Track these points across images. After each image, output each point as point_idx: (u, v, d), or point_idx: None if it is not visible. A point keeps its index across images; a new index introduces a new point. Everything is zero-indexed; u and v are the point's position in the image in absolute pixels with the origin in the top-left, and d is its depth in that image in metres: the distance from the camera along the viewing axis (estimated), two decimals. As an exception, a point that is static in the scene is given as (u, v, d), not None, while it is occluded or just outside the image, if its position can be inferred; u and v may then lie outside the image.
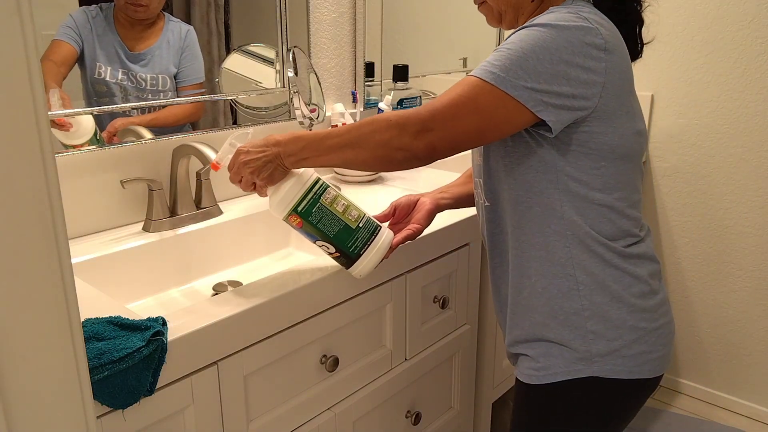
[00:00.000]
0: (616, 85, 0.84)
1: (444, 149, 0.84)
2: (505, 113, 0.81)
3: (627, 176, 0.90)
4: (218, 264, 1.24)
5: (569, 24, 0.81)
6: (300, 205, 0.92)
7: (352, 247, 0.93)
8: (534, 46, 0.80)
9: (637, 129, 0.89)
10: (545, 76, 0.80)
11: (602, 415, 0.94)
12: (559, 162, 0.87)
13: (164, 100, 1.24)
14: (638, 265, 0.91)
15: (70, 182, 1.11)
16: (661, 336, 0.93)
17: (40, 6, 1.05)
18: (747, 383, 2.02)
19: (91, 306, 0.86)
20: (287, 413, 0.98)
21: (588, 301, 0.90)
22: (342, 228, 0.92)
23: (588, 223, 0.89)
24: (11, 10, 0.44)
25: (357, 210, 0.95)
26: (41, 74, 0.46)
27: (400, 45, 1.78)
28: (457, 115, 0.82)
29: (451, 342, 1.32)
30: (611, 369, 0.90)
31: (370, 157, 0.87)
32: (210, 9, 1.29)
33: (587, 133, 0.85)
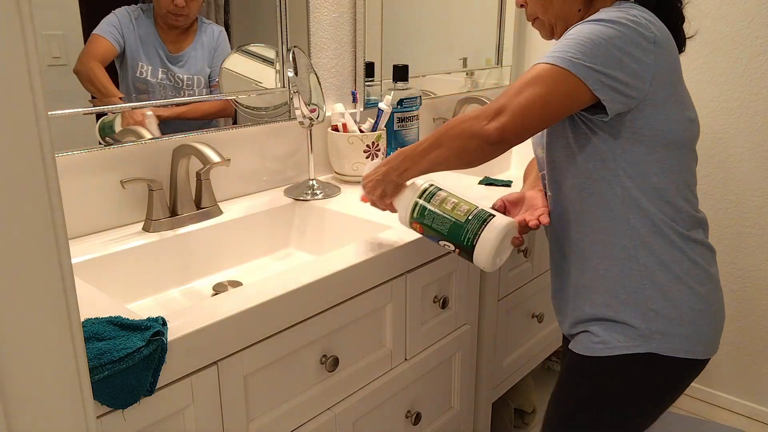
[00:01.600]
0: (665, 76, 0.90)
1: (514, 130, 0.87)
2: (566, 89, 0.86)
3: (681, 161, 0.95)
4: (218, 264, 1.24)
5: (620, 20, 0.88)
6: (415, 212, 1.01)
7: (464, 239, 0.97)
8: (591, 35, 0.87)
9: (688, 117, 0.95)
10: (602, 59, 0.86)
11: (655, 391, 0.98)
12: (616, 150, 0.93)
13: (164, 101, 1.24)
14: (697, 250, 0.97)
15: (70, 182, 1.11)
16: (714, 320, 0.98)
17: (40, 6, 1.05)
18: (747, 383, 2.02)
19: (91, 306, 0.86)
20: (287, 413, 0.98)
21: (650, 281, 0.95)
22: (452, 224, 0.97)
23: (648, 206, 0.94)
24: (11, 10, 0.44)
25: (468, 205, 0.99)
26: (41, 74, 0.46)
27: (400, 45, 1.78)
28: (522, 91, 0.87)
29: (451, 342, 1.32)
30: (669, 347, 0.95)
31: (449, 153, 0.93)
32: (210, 9, 1.29)
33: (641, 120, 0.91)
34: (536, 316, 1.63)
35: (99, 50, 1.13)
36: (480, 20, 2.04)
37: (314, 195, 1.38)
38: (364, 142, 1.46)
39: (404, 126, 1.63)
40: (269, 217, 1.33)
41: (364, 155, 1.47)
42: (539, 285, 1.61)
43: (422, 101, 1.74)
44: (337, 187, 1.46)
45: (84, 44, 1.11)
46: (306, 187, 1.41)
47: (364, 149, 1.47)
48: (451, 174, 1.59)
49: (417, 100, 1.65)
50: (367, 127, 1.52)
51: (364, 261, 1.04)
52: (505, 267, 1.44)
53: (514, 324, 1.55)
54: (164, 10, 1.21)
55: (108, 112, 1.16)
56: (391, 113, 1.60)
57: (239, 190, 1.40)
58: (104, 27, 1.13)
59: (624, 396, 0.99)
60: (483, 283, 1.39)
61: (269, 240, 1.33)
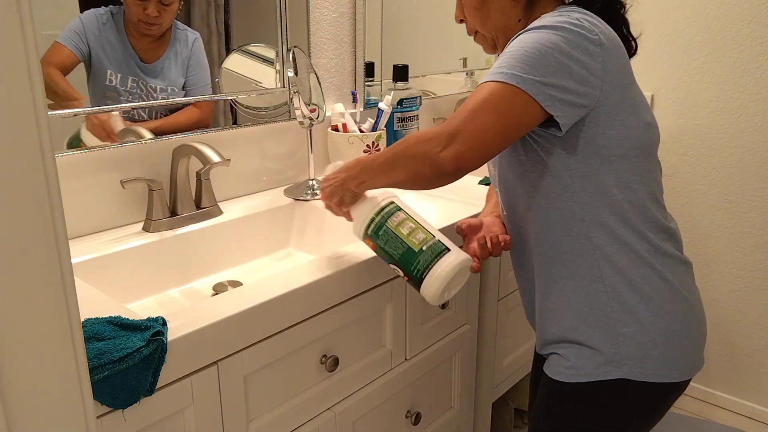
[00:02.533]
0: (615, 78, 0.85)
1: (471, 158, 0.82)
2: (520, 109, 0.82)
3: (642, 170, 0.89)
4: (218, 264, 1.24)
5: (563, 24, 0.83)
6: (369, 227, 0.94)
7: (414, 270, 0.91)
8: (534, 44, 0.82)
9: (645, 121, 0.89)
10: (549, 69, 0.81)
11: (629, 416, 0.93)
12: (570, 163, 0.88)
13: (164, 101, 1.24)
14: (668, 265, 0.91)
15: (70, 182, 1.11)
16: (692, 340, 0.92)
17: (40, 6, 1.05)
18: (747, 383, 2.02)
19: (91, 306, 0.86)
20: (287, 413, 0.98)
21: (617, 302, 0.89)
22: (405, 250, 0.91)
23: (610, 221, 0.88)
24: (11, 10, 0.44)
25: (425, 233, 0.92)
26: (41, 74, 0.46)
27: (400, 45, 1.78)
28: (475, 116, 0.82)
29: (451, 342, 1.32)
30: (641, 372, 0.89)
31: (405, 176, 0.87)
32: (210, 9, 1.29)
33: (593, 129, 0.86)
34: (536, 316, 1.63)
35: (57, 58, 1.08)
36: (480, 20, 2.04)
37: (314, 195, 1.38)
38: (364, 142, 1.46)
39: (404, 126, 1.63)
40: (269, 217, 1.32)
41: (364, 155, 1.47)
42: (539, 285, 1.61)
43: (422, 101, 1.74)
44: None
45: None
46: (306, 187, 1.41)
47: (364, 149, 1.47)
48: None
49: (417, 100, 1.65)
50: (367, 127, 1.52)
51: (364, 261, 1.04)
52: (505, 267, 1.44)
53: (514, 324, 1.55)
54: (135, 18, 1.15)
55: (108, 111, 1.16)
56: (391, 113, 1.60)
57: (239, 190, 1.40)
58: (66, 33, 1.08)
59: (598, 423, 0.94)
60: (483, 283, 1.39)
61: (269, 240, 1.33)
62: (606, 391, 0.92)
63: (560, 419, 0.96)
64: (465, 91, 2.02)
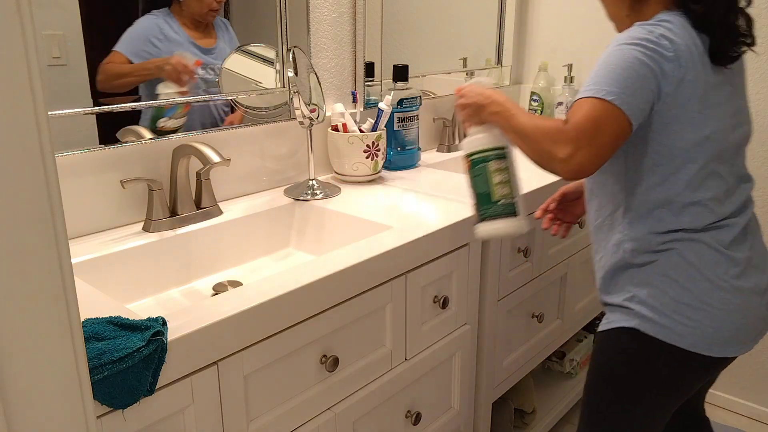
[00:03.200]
0: (680, 95, 0.97)
1: (590, 169, 0.97)
2: (621, 127, 0.95)
3: (692, 175, 1.01)
4: (218, 264, 1.24)
5: (642, 41, 0.96)
6: (475, 154, 1.10)
7: (482, 211, 1.10)
8: (620, 61, 0.96)
9: (703, 135, 0.99)
10: (632, 86, 0.95)
11: (639, 363, 1.08)
12: (630, 158, 1.04)
13: (169, 100, 1.24)
14: (692, 249, 1.03)
15: (70, 182, 1.11)
16: (710, 317, 1.03)
17: (40, 6, 1.05)
18: (747, 383, 2.02)
19: (91, 306, 0.86)
20: (287, 413, 0.98)
21: (642, 275, 1.06)
22: (485, 192, 1.09)
23: (656, 213, 1.03)
24: (11, 10, 0.44)
25: (509, 190, 1.09)
26: (41, 74, 0.46)
27: (400, 45, 1.78)
28: (597, 134, 0.95)
29: (451, 342, 1.32)
30: (648, 327, 1.05)
31: (528, 152, 1.03)
32: (210, 9, 1.29)
33: (652, 135, 1.00)
34: (536, 316, 1.63)
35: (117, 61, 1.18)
36: (480, 20, 2.04)
37: (314, 195, 1.38)
38: (364, 142, 1.46)
39: (404, 126, 1.63)
40: (269, 217, 1.33)
41: (364, 155, 1.47)
42: (539, 285, 1.61)
43: (422, 101, 1.74)
44: (337, 187, 1.46)
45: (84, 44, 1.11)
46: (306, 187, 1.41)
47: (364, 149, 1.47)
48: (455, 174, 1.59)
49: (417, 100, 1.65)
50: (367, 127, 1.52)
51: (364, 261, 1.04)
52: (505, 267, 1.44)
53: (514, 324, 1.55)
54: (205, 9, 1.27)
55: (109, 111, 1.16)
56: (391, 113, 1.60)
57: (239, 190, 1.40)
58: (126, 42, 1.16)
59: (619, 365, 1.09)
60: (483, 283, 1.39)
61: (269, 240, 1.33)
62: (625, 337, 1.07)
63: (594, 362, 1.14)
64: (465, 91, 2.02)
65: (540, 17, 2.17)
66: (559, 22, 2.12)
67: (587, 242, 1.80)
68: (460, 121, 1.17)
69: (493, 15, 2.08)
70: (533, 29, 2.19)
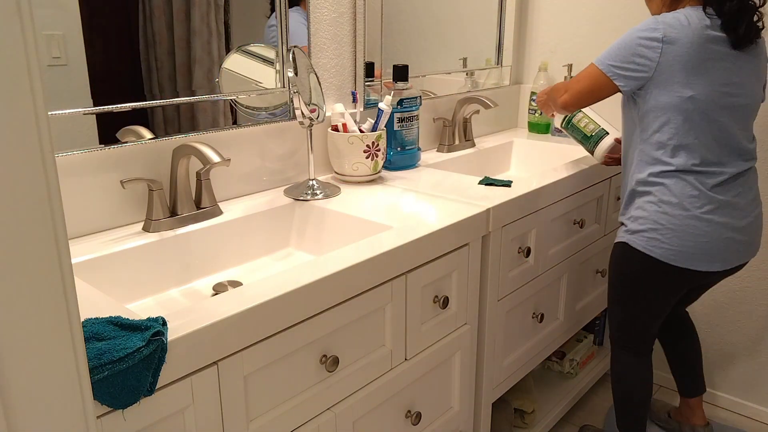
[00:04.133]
0: (669, 65, 1.32)
1: (573, 105, 1.47)
2: (602, 82, 1.41)
3: (689, 124, 1.35)
4: (218, 264, 1.24)
5: (644, 27, 1.34)
6: (563, 122, 1.74)
7: (589, 146, 1.69)
8: (621, 41, 1.37)
9: (687, 95, 1.33)
10: (621, 57, 1.37)
11: (635, 272, 1.47)
12: (638, 110, 1.42)
13: (164, 101, 1.24)
14: (678, 186, 1.37)
15: (70, 182, 1.11)
16: (679, 238, 1.38)
17: (40, 6, 1.05)
18: (747, 383, 2.02)
19: (91, 306, 0.86)
20: (287, 413, 0.98)
21: (641, 198, 1.43)
22: (583, 136, 1.69)
23: (648, 150, 1.40)
24: (11, 10, 0.44)
25: (594, 125, 1.67)
26: (41, 74, 0.46)
27: (400, 45, 1.78)
28: (580, 81, 1.45)
29: (451, 342, 1.32)
30: (634, 240, 1.44)
31: (543, 104, 1.63)
32: (210, 9, 1.29)
33: (649, 94, 1.37)
34: (536, 316, 1.63)
35: None
36: (480, 20, 2.04)
37: (314, 195, 1.38)
38: (364, 142, 1.46)
39: (404, 126, 1.63)
40: (269, 217, 1.33)
41: (364, 155, 1.47)
42: (539, 285, 1.61)
43: (422, 101, 1.74)
44: (337, 187, 1.46)
45: (84, 44, 1.11)
46: (306, 187, 1.41)
47: (364, 149, 1.47)
48: (455, 174, 1.59)
49: (417, 100, 1.65)
50: (367, 127, 1.52)
51: (364, 261, 1.04)
52: (505, 267, 1.44)
53: (514, 324, 1.55)
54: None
55: (108, 112, 1.16)
56: (391, 113, 1.60)
57: (239, 190, 1.40)
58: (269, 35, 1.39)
59: (619, 272, 1.51)
60: (483, 283, 1.39)
61: (269, 240, 1.33)
62: (619, 250, 1.50)
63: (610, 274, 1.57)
64: (465, 91, 2.02)
65: (540, 17, 2.17)
66: (559, 22, 2.12)
67: (587, 242, 1.80)
68: (543, 110, 1.67)
69: (493, 15, 2.08)
70: (533, 29, 2.19)
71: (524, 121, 2.25)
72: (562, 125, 1.73)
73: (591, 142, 1.66)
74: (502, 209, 1.36)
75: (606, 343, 2.24)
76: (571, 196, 1.63)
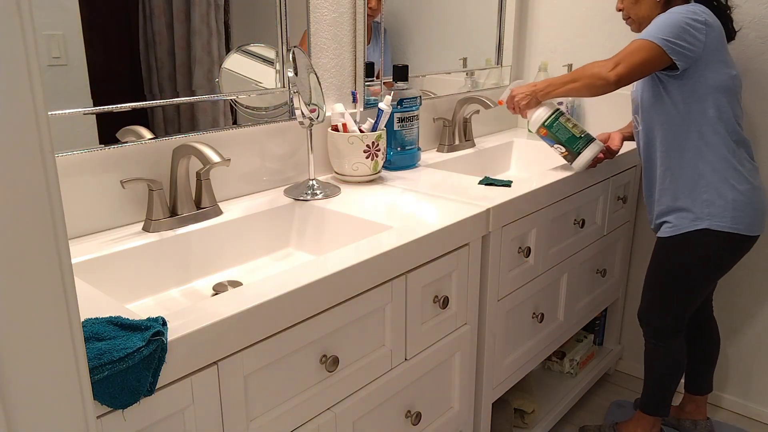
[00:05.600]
0: (713, 46, 1.43)
1: (627, 77, 1.44)
2: (655, 54, 1.42)
3: (728, 101, 1.47)
4: (218, 264, 1.24)
5: (685, 11, 1.43)
6: (546, 121, 1.57)
7: (574, 148, 1.57)
8: (669, 20, 1.43)
9: (731, 74, 1.47)
10: (674, 34, 1.41)
11: (709, 256, 1.54)
12: (685, 93, 1.47)
13: (164, 101, 1.24)
14: (740, 161, 1.49)
15: (70, 182, 1.11)
16: (753, 209, 1.50)
17: (40, 6, 1.05)
18: (747, 383, 2.02)
19: (91, 306, 0.86)
20: (287, 413, 0.98)
21: (705, 180, 1.50)
22: (570, 136, 1.56)
23: (707, 131, 1.47)
24: (11, 10, 0.44)
25: (581, 128, 1.58)
26: (41, 74, 0.46)
27: (400, 45, 1.78)
28: (632, 54, 1.43)
29: (451, 342, 1.32)
30: (717, 224, 1.50)
31: (582, 85, 1.49)
32: (210, 9, 1.29)
33: (698, 73, 1.45)
34: (536, 316, 1.63)
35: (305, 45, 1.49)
36: (480, 20, 2.04)
37: (314, 195, 1.38)
38: (364, 142, 1.46)
39: (404, 126, 1.63)
40: (269, 217, 1.33)
41: (364, 155, 1.47)
42: (539, 285, 1.61)
43: (422, 101, 1.74)
44: (337, 187, 1.46)
45: (84, 44, 1.11)
46: (306, 187, 1.41)
47: (364, 149, 1.47)
48: (455, 174, 1.59)
49: (417, 100, 1.65)
50: (367, 127, 1.52)
51: (364, 261, 1.04)
52: (505, 267, 1.44)
53: (514, 324, 1.55)
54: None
55: (108, 111, 1.16)
56: (391, 113, 1.60)
57: (239, 190, 1.40)
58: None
59: (689, 261, 1.55)
60: (483, 283, 1.39)
61: (269, 240, 1.33)
62: (694, 238, 1.53)
63: (667, 265, 1.60)
64: (465, 91, 2.02)
65: (540, 17, 2.17)
66: (559, 23, 2.12)
67: (587, 242, 1.80)
68: (520, 111, 1.60)
69: (493, 15, 2.08)
70: (533, 29, 2.19)
71: (524, 121, 2.25)
72: (544, 124, 1.57)
73: (579, 143, 1.55)
74: (502, 209, 1.36)
75: (606, 344, 2.23)
76: (571, 196, 1.63)
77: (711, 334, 1.83)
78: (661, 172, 1.56)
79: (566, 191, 1.60)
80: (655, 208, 1.62)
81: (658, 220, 1.61)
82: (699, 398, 1.87)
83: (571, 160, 1.57)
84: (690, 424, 1.87)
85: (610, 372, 2.26)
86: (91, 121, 1.14)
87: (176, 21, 1.25)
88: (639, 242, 2.13)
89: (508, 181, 1.49)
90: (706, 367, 1.84)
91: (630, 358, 2.26)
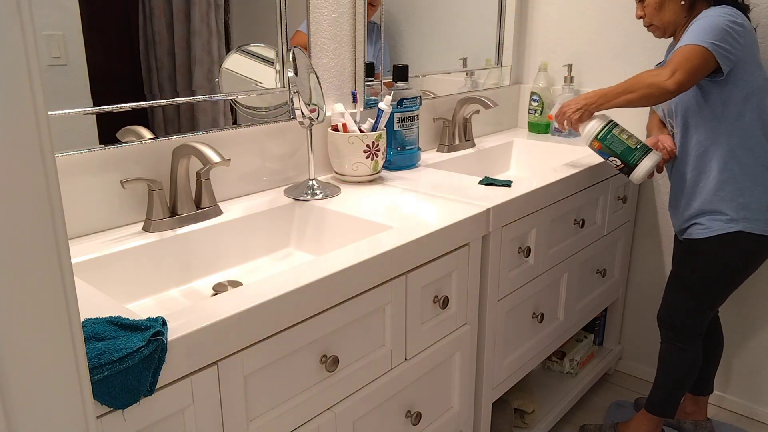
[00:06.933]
0: (749, 49, 1.44)
1: (686, 84, 1.39)
2: (707, 59, 1.40)
3: (762, 105, 1.47)
4: (218, 264, 1.24)
5: (723, 13, 1.42)
6: (600, 134, 1.53)
7: (630, 160, 1.51)
8: (710, 24, 1.41)
9: (765, 76, 1.48)
10: (720, 38, 1.39)
11: (742, 258, 1.54)
12: (724, 96, 1.46)
13: (164, 101, 1.24)
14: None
15: (70, 182, 1.11)
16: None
17: (40, 6, 1.05)
18: (747, 383, 2.02)
19: (91, 306, 0.86)
20: (287, 413, 0.98)
21: (738, 184, 1.49)
22: (626, 148, 1.51)
23: (742, 135, 1.47)
24: (11, 10, 0.44)
25: (636, 139, 1.53)
26: (41, 74, 0.46)
27: (400, 45, 1.78)
28: (688, 60, 1.40)
29: (451, 342, 1.32)
30: (752, 227, 1.49)
31: (640, 96, 1.44)
32: (210, 9, 1.29)
33: (737, 75, 1.44)
34: (536, 316, 1.63)
35: (301, 40, 1.49)
36: (480, 20, 2.04)
37: (314, 195, 1.38)
38: (364, 142, 1.46)
39: (404, 126, 1.63)
40: (269, 217, 1.33)
41: (364, 155, 1.47)
42: (539, 285, 1.61)
43: (422, 101, 1.74)
44: (337, 187, 1.46)
45: (84, 44, 1.11)
46: (306, 187, 1.41)
47: (364, 149, 1.47)
48: (455, 174, 1.59)
49: (417, 100, 1.65)
50: (367, 127, 1.52)
51: (364, 261, 1.04)
52: (505, 267, 1.44)
53: (514, 324, 1.55)
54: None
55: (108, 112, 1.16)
56: (391, 113, 1.60)
57: (239, 190, 1.40)
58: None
59: (722, 264, 1.54)
60: (483, 283, 1.39)
61: (269, 240, 1.33)
62: (728, 240, 1.51)
63: (697, 267, 1.58)
64: (465, 91, 2.02)
65: (540, 17, 2.17)
66: (559, 23, 2.12)
67: (587, 242, 1.80)
68: (572, 125, 1.56)
69: (493, 15, 2.08)
70: (533, 29, 2.19)
71: (524, 121, 2.25)
72: (597, 137, 1.52)
73: (636, 155, 1.49)
74: (502, 209, 1.36)
75: (606, 343, 2.23)
76: (571, 196, 1.63)
77: (716, 336, 1.83)
78: (694, 175, 1.54)
79: (566, 191, 1.60)
80: (683, 211, 1.59)
81: (687, 223, 1.59)
82: (700, 399, 1.87)
83: (627, 173, 1.52)
84: (691, 425, 1.87)
85: (610, 372, 2.26)
86: (91, 121, 1.14)
87: (176, 21, 1.25)
88: (639, 242, 2.13)
89: (508, 181, 1.49)
90: (709, 368, 1.84)
91: (630, 358, 2.26)
